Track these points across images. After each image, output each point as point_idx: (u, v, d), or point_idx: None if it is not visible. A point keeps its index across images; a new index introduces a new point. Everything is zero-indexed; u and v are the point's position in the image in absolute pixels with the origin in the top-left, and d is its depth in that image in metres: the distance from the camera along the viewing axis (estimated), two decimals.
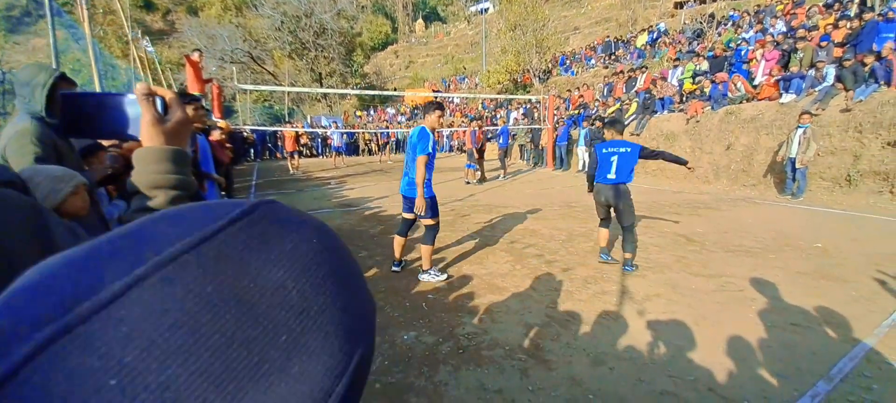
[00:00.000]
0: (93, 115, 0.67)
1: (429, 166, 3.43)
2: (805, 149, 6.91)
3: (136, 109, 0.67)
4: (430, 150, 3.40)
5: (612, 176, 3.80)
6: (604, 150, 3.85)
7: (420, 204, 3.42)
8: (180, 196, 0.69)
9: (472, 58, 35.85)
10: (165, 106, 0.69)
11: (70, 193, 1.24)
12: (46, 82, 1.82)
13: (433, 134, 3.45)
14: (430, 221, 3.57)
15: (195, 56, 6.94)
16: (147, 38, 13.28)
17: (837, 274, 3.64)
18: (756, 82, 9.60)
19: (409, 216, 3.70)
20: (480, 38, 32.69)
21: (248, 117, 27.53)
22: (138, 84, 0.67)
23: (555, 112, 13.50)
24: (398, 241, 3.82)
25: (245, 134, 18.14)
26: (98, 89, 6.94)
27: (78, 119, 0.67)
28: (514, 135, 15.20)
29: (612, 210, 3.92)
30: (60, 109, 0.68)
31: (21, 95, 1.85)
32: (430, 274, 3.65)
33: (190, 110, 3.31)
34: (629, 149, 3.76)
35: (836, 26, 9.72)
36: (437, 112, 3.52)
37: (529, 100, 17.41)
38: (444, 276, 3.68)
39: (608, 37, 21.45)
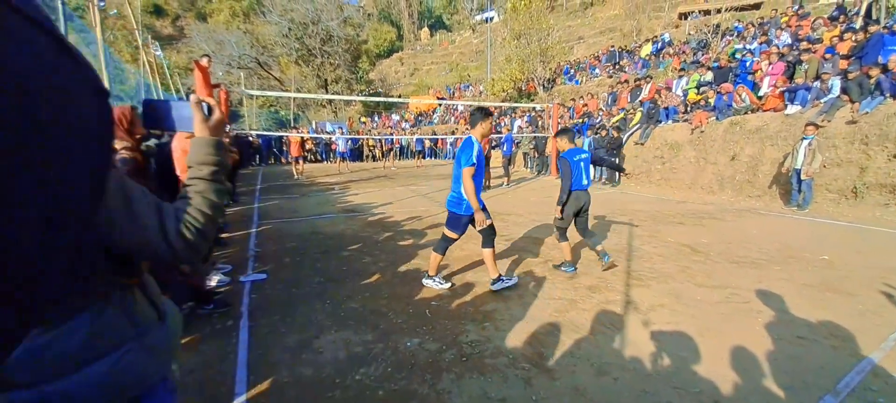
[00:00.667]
0: (162, 115, 0.99)
1: (476, 178, 3.27)
2: (810, 161, 6.88)
3: (190, 110, 0.98)
4: (476, 161, 3.20)
5: (585, 182, 3.95)
6: (575, 158, 3.92)
7: (480, 217, 3.20)
8: (218, 170, 0.99)
9: (476, 66, 36.09)
10: (210, 109, 1.02)
11: None
12: None
13: (481, 143, 3.27)
14: (487, 223, 3.29)
15: (204, 61, 7.03)
16: (156, 42, 13.48)
17: (843, 286, 3.61)
18: (761, 93, 9.60)
19: (452, 234, 3.52)
20: (485, 47, 32.91)
21: (254, 122, 27.76)
22: (192, 95, 1.01)
23: (559, 121, 13.54)
24: (434, 259, 3.65)
25: (250, 138, 18.30)
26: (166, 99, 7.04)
27: (154, 116, 1.01)
28: (517, 143, 15.24)
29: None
30: (143, 110, 1.00)
31: None
32: (503, 281, 3.51)
33: None
34: (587, 155, 4.02)
35: (841, 38, 9.73)
36: (488, 119, 3.32)
37: (534, 109, 17.47)
38: (515, 280, 3.57)
39: (612, 46, 21.54)
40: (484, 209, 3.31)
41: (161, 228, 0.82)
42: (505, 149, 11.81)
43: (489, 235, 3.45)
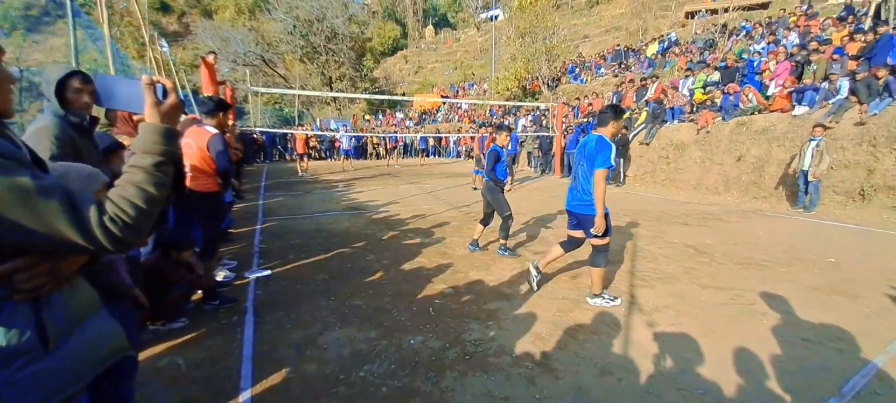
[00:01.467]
0: (113, 91, 0.95)
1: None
2: (818, 162, 6.83)
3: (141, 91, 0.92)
4: (614, 163, 3.05)
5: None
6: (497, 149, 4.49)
7: (600, 223, 3.05)
8: (164, 162, 0.89)
9: (481, 64, 36.00)
10: (165, 92, 0.93)
11: (97, 192, 1.28)
12: (55, 80, 1.88)
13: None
14: (604, 241, 3.17)
15: (210, 58, 7.07)
16: (163, 39, 13.55)
17: (849, 289, 3.58)
18: (768, 94, 9.52)
19: (577, 234, 3.39)
20: (490, 45, 32.82)
21: (259, 119, 27.87)
22: (144, 76, 0.92)
23: (563, 119, 13.50)
24: (553, 251, 3.56)
25: (254, 135, 18.37)
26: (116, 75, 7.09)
27: (104, 91, 0.96)
28: (522, 142, 15.21)
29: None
30: (97, 87, 0.94)
31: (47, 94, 1.90)
32: (603, 298, 3.28)
33: (220, 116, 3.33)
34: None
35: (852, 38, 9.62)
36: (620, 118, 3.20)
37: (538, 108, 17.41)
38: (618, 302, 3.28)
39: (618, 45, 21.41)
40: (608, 215, 3.15)
41: (76, 220, 0.75)
42: (509, 147, 11.77)
43: (605, 248, 3.22)
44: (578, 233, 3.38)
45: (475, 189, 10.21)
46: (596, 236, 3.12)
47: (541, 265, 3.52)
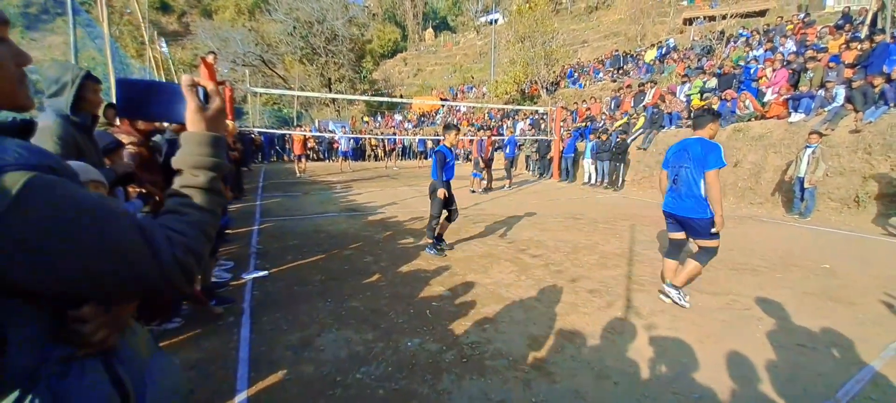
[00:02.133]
0: (147, 100, 0.78)
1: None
2: (814, 169, 6.87)
3: (181, 96, 0.78)
4: (724, 162, 3.06)
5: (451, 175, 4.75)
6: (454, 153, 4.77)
7: (720, 222, 3.06)
8: (215, 177, 0.78)
9: (480, 67, 36.11)
10: (206, 96, 0.80)
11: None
12: (75, 81, 1.86)
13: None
14: (715, 243, 3.18)
15: (210, 58, 7.07)
16: (163, 39, 13.55)
17: (844, 295, 3.61)
18: (765, 100, 9.59)
19: (679, 236, 3.40)
20: (489, 49, 32.93)
21: (257, 119, 27.84)
22: (184, 76, 0.77)
23: (562, 124, 13.54)
24: (669, 266, 3.51)
25: (253, 136, 18.35)
26: (114, 86, 7.05)
27: (133, 102, 0.80)
28: (520, 146, 15.24)
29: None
30: (117, 92, 0.78)
31: (48, 92, 1.89)
32: (679, 293, 3.31)
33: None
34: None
35: (848, 46, 9.71)
36: (716, 121, 3.22)
37: (536, 112, 17.47)
38: (688, 306, 3.27)
39: (617, 51, 21.54)
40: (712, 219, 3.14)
41: (152, 255, 0.62)
42: (508, 151, 11.82)
43: (714, 250, 3.22)
44: (681, 235, 3.40)
45: (473, 191, 10.23)
46: (707, 237, 3.15)
47: (677, 283, 3.34)
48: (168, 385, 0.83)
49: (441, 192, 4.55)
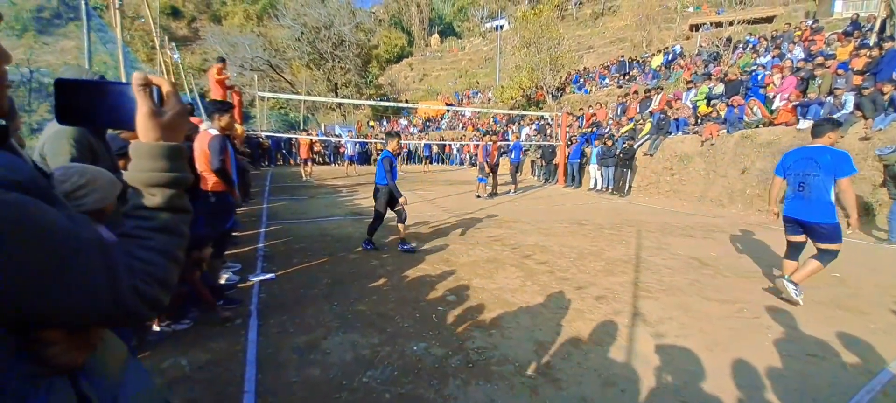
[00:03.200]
0: (91, 103, 0.65)
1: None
2: None
3: (132, 98, 0.65)
4: (856, 169, 3.30)
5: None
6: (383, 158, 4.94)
7: (856, 222, 3.36)
8: (176, 194, 0.68)
9: (485, 73, 36.21)
10: (162, 97, 0.66)
11: (116, 197, 1.31)
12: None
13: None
14: (838, 246, 3.38)
15: (219, 66, 7.18)
16: (173, 44, 13.75)
17: (854, 304, 3.56)
18: (773, 107, 9.53)
19: (799, 239, 3.58)
20: (495, 54, 33.04)
21: (264, 123, 28.10)
22: (135, 73, 0.65)
23: (567, 129, 13.54)
24: (789, 266, 3.69)
25: (260, 139, 18.52)
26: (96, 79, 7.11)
27: (74, 106, 0.65)
28: (525, 151, 15.25)
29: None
30: (55, 96, 0.63)
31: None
32: (798, 290, 3.46)
33: (226, 119, 3.39)
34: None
35: (857, 54, 9.64)
36: (837, 129, 3.43)
37: (542, 117, 17.47)
38: (801, 303, 3.44)
39: (622, 57, 21.51)
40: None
41: (109, 285, 0.56)
42: (513, 156, 11.82)
43: (836, 254, 3.42)
44: (801, 238, 3.58)
45: (478, 196, 10.24)
46: (832, 241, 3.34)
47: (797, 279, 3.51)
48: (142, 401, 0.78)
49: (403, 199, 4.98)
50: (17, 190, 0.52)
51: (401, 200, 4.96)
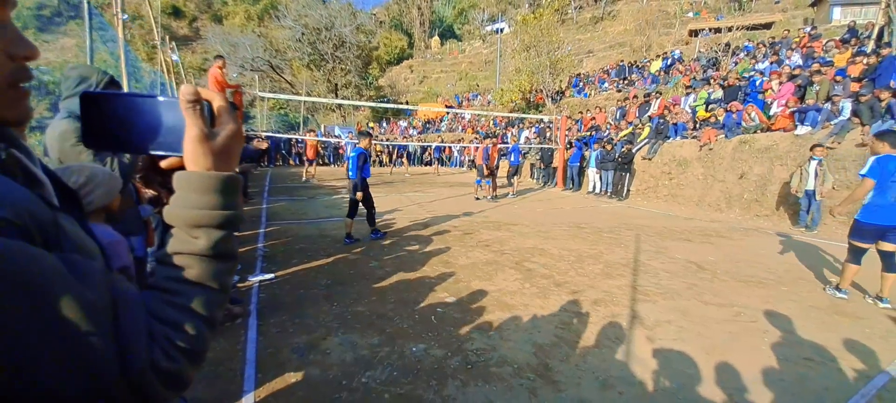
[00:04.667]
0: (122, 122, 0.52)
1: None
2: (822, 182, 6.87)
3: (175, 116, 0.52)
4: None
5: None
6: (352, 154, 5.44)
7: None
8: (225, 237, 0.54)
9: (485, 76, 36.30)
10: (213, 115, 0.54)
11: (118, 194, 1.32)
12: (100, 83, 1.88)
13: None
14: None
15: (218, 64, 7.17)
16: (173, 43, 13.77)
17: (851, 309, 3.59)
18: (771, 113, 9.58)
19: (891, 247, 3.62)
20: (495, 57, 33.14)
21: (264, 123, 28.09)
22: (184, 86, 0.51)
23: (567, 132, 13.58)
24: (855, 270, 3.80)
25: (260, 137, 18.52)
26: (126, 88, 7.08)
27: (103, 127, 0.52)
28: (524, 154, 15.28)
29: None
30: (82, 114, 0.51)
31: (68, 93, 1.90)
32: (890, 305, 3.60)
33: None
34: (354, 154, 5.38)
35: (853, 61, 9.70)
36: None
37: (541, 120, 17.52)
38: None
39: (622, 61, 21.61)
40: None
41: (119, 359, 0.43)
42: (512, 159, 11.85)
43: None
44: (892, 247, 3.62)
45: (477, 198, 10.26)
46: None
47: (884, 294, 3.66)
48: None
49: (359, 194, 5.39)
50: (6, 226, 0.40)
51: (357, 195, 5.35)
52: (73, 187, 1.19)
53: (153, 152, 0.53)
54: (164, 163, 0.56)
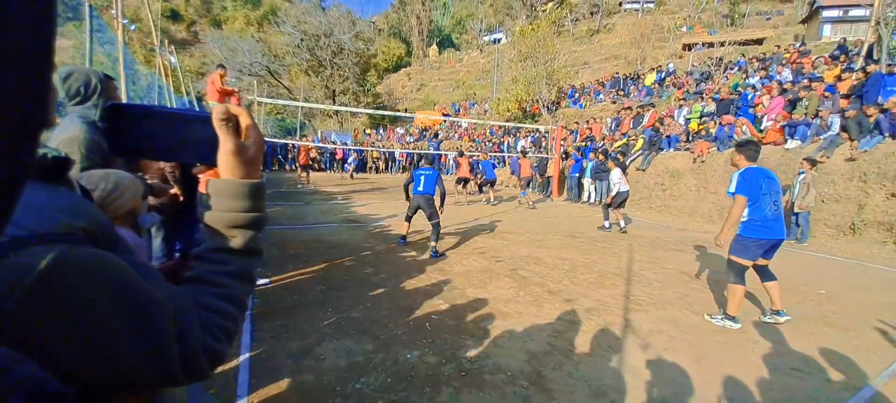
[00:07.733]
0: (149, 133, 0.57)
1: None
2: (804, 195, 7.00)
3: (205, 129, 0.58)
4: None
5: (421, 189, 5.48)
6: (417, 172, 5.61)
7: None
8: (255, 236, 0.63)
9: (482, 85, 36.56)
10: (239, 129, 0.61)
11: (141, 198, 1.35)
12: (101, 85, 1.83)
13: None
14: None
15: (219, 73, 7.20)
16: (172, 46, 13.79)
17: (839, 321, 3.65)
18: (762, 127, 9.75)
19: (750, 262, 3.61)
20: (492, 67, 33.43)
21: (261, 128, 28.05)
22: (217, 106, 0.58)
23: (562, 143, 13.71)
24: (769, 287, 3.69)
25: None
26: (123, 91, 7.06)
27: (130, 137, 0.57)
28: (494, 166, 15.23)
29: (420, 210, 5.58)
30: (109, 124, 0.56)
31: (74, 99, 1.88)
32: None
33: None
34: (431, 173, 5.62)
35: (840, 78, 9.93)
36: None
37: (538, 130, 17.67)
38: None
39: (617, 73, 21.92)
40: None
41: (183, 351, 0.50)
42: (486, 173, 11.66)
43: None
44: (767, 261, 3.62)
45: (465, 203, 10.30)
46: None
47: (777, 306, 3.58)
48: None
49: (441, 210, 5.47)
50: (84, 236, 0.47)
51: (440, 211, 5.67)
52: (102, 193, 1.21)
53: (188, 159, 0.62)
54: (199, 171, 0.65)
